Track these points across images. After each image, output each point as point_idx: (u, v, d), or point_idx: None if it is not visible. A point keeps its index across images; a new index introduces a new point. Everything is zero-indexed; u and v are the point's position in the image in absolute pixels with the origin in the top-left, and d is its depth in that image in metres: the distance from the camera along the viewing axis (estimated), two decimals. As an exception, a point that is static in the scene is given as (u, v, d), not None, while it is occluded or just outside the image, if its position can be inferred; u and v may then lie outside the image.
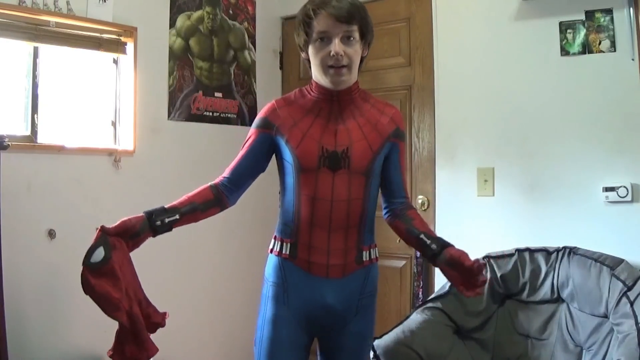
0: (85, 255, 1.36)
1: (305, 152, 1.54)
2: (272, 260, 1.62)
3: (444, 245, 1.56)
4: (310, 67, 1.62)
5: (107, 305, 1.35)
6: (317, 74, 1.58)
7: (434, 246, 1.56)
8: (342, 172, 1.54)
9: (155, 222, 1.46)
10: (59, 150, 2.47)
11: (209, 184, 1.61)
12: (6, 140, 2.09)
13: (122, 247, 1.42)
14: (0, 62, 2.40)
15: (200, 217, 1.56)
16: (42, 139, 2.49)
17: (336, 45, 1.50)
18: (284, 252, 1.58)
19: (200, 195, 1.56)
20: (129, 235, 1.43)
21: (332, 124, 1.58)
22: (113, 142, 2.77)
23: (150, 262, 2.71)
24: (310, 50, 1.56)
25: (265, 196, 3.01)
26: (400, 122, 1.67)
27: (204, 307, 3.03)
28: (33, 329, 2.36)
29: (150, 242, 1.50)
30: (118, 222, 1.44)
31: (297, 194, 1.56)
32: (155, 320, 1.48)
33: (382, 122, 1.62)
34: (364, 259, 1.60)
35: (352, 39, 1.53)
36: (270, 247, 1.64)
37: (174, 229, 1.51)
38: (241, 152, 1.62)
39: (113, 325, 1.41)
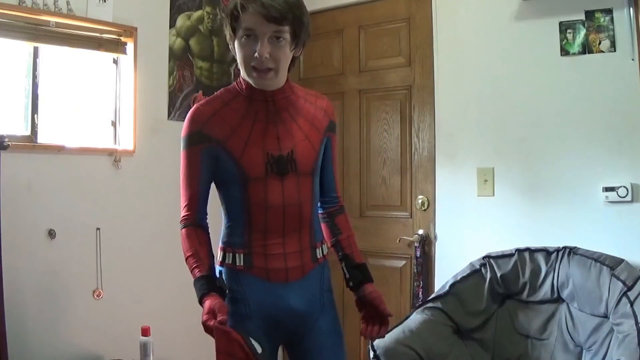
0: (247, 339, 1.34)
1: (250, 160, 1.46)
2: (224, 273, 1.52)
3: (362, 281, 1.58)
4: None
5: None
6: (242, 72, 1.48)
7: (351, 284, 1.59)
8: (290, 176, 1.49)
9: (218, 286, 1.43)
10: (59, 150, 2.48)
11: (190, 228, 1.50)
12: (6, 140, 2.09)
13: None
14: (0, 62, 2.40)
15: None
16: (42, 139, 2.49)
17: (261, 47, 1.38)
18: (237, 263, 1.50)
19: (205, 241, 1.50)
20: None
21: (272, 126, 1.49)
22: (113, 142, 2.78)
23: (151, 262, 2.72)
24: (235, 45, 1.45)
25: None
26: (333, 114, 1.62)
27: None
28: (33, 329, 2.36)
29: (150, 244, 1.47)
30: (219, 309, 1.34)
31: (246, 205, 1.48)
32: None
33: (318, 117, 1.57)
34: (318, 256, 1.57)
35: (281, 39, 1.40)
36: (220, 259, 1.53)
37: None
38: (189, 181, 1.55)
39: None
